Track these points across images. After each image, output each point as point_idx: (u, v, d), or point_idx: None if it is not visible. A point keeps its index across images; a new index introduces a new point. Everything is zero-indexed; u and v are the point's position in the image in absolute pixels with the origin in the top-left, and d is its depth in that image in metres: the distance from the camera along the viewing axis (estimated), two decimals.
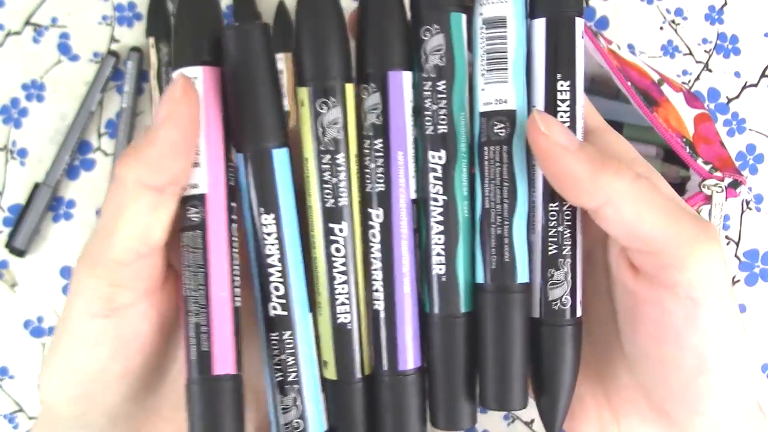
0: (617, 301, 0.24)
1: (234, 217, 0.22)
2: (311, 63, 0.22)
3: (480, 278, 0.23)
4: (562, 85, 0.22)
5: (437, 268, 0.23)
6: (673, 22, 0.53)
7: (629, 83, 0.39)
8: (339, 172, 0.22)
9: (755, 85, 0.53)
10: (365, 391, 0.24)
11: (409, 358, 0.23)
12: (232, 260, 0.22)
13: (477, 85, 0.23)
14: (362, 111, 0.23)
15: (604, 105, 0.49)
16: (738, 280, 0.53)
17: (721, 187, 0.38)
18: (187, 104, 0.21)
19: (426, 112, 0.22)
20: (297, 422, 0.23)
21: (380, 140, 0.22)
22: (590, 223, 0.23)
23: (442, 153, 0.22)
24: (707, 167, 0.39)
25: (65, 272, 0.51)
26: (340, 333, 0.23)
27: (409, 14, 0.23)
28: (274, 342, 0.22)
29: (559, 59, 0.22)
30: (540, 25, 0.22)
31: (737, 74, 0.53)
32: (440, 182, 0.22)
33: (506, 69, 0.22)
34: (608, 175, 0.21)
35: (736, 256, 0.53)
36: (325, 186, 0.22)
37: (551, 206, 0.23)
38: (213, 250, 0.22)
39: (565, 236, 0.23)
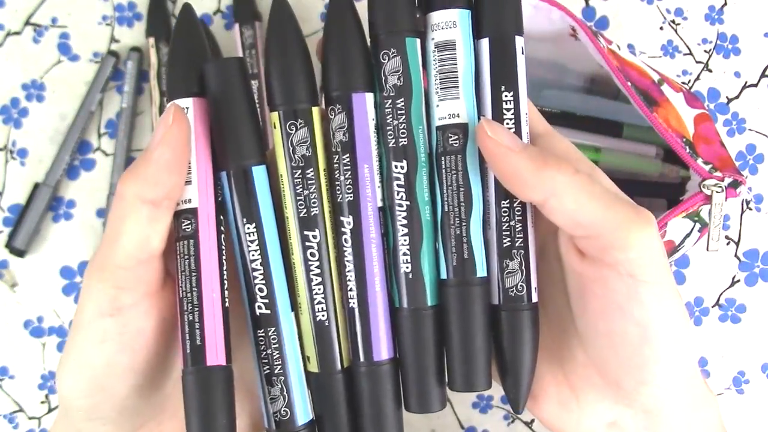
0: (568, 284, 0.26)
1: (222, 228, 0.26)
2: (279, 90, 0.25)
3: (443, 274, 0.26)
4: (506, 96, 0.25)
5: (404, 267, 0.26)
6: (673, 22, 0.53)
7: (629, 83, 0.39)
8: (310, 185, 0.25)
9: (755, 85, 0.53)
10: (345, 382, 0.26)
11: (383, 350, 0.26)
12: (221, 266, 0.25)
13: (432, 101, 0.26)
14: (330, 129, 0.26)
15: (604, 105, 0.49)
16: (738, 280, 0.53)
17: (721, 187, 0.38)
18: (178, 128, 0.24)
19: (388, 128, 0.25)
20: (284, 411, 0.25)
21: (347, 155, 0.25)
22: (541, 217, 0.25)
23: (404, 163, 0.25)
24: (707, 167, 0.39)
25: (65, 272, 0.51)
26: (320, 329, 0.26)
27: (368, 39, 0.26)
28: (261, 338, 0.25)
29: (502, 73, 0.25)
30: (485, 44, 0.25)
31: (737, 74, 0.53)
32: (403, 189, 0.25)
33: (457, 87, 0.25)
34: (550, 171, 0.23)
35: (736, 256, 0.53)
36: (298, 198, 0.25)
37: (503, 204, 0.26)
38: (204, 257, 0.25)
39: (517, 230, 0.26)
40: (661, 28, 0.53)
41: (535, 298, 0.26)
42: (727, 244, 0.53)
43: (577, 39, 0.42)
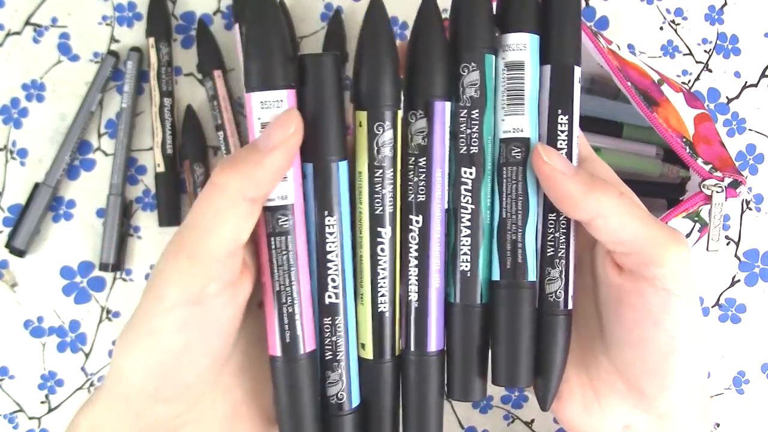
0: (602, 295, 0.28)
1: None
2: (368, 92, 0.26)
3: (496, 276, 0.28)
4: (562, 119, 0.27)
5: (463, 265, 0.28)
6: (673, 22, 0.53)
7: (629, 83, 0.39)
8: (388, 185, 0.27)
9: (755, 85, 0.53)
10: (394, 369, 0.28)
11: (434, 341, 0.28)
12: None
13: (498, 115, 0.28)
14: (409, 132, 0.27)
15: (604, 105, 0.49)
16: (738, 280, 0.53)
17: (721, 187, 0.38)
18: (296, 138, 0.25)
19: (461, 136, 0.27)
20: (341, 394, 0.27)
21: (424, 158, 0.27)
22: (579, 233, 0.28)
23: (473, 170, 0.27)
24: (707, 167, 0.39)
25: (65, 272, 0.51)
26: (379, 319, 0.27)
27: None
28: (327, 326, 0.27)
29: (561, 98, 0.27)
30: (547, 70, 0.28)
31: (737, 74, 0.53)
32: (470, 194, 0.27)
33: (523, 104, 0.27)
34: (597, 194, 0.26)
35: (736, 256, 0.53)
36: (376, 195, 0.27)
37: (550, 216, 0.28)
38: (300, 252, 0.26)
39: (560, 241, 0.28)
40: (661, 28, 0.53)
41: (570, 305, 0.28)
42: (727, 244, 0.53)
43: None
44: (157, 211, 0.51)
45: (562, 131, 0.27)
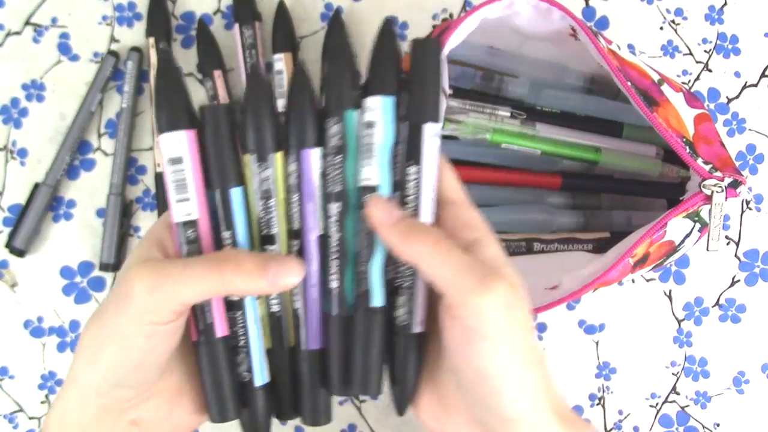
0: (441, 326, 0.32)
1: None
2: (253, 138, 0.32)
3: (350, 300, 0.33)
4: (409, 170, 0.32)
5: (333, 283, 0.33)
6: (673, 22, 0.53)
7: (629, 83, 0.39)
8: (270, 212, 0.32)
9: (755, 85, 0.53)
10: (290, 358, 0.34)
11: (313, 341, 0.33)
12: None
13: (357, 164, 0.32)
14: (287, 172, 0.33)
15: (604, 105, 0.49)
16: (738, 280, 0.53)
17: (721, 187, 0.38)
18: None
19: (328, 176, 0.32)
20: (246, 374, 0.33)
21: (296, 195, 0.33)
22: None
23: (339, 204, 0.32)
24: (707, 167, 0.39)
25: (65, 272, 0.51)
26: (273, 318, 0.33)
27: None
28: (231, 318, 0.32)
29: (411, 152, 0.32)
30: (404, 127, 0.32)
31: (737, 74, 0.53)
32: (337, 224, 0.32)
33: (372, 157, 0.32)
34: (413, 243, 0.30)
35: (736, 256, 0.53)
36: (261, 220, 0.33)
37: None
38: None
39: (405, 274, 0.32)
40: (661, 28, 0.53)
41: (418, 329, 0.33)
42: (727, 244, 0.53)
43: (577, 39, 0.42)
44: (157, 211, 0.51)
45: (409, 180, 0.32)
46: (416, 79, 0.32)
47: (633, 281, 0.53)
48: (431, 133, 0.32)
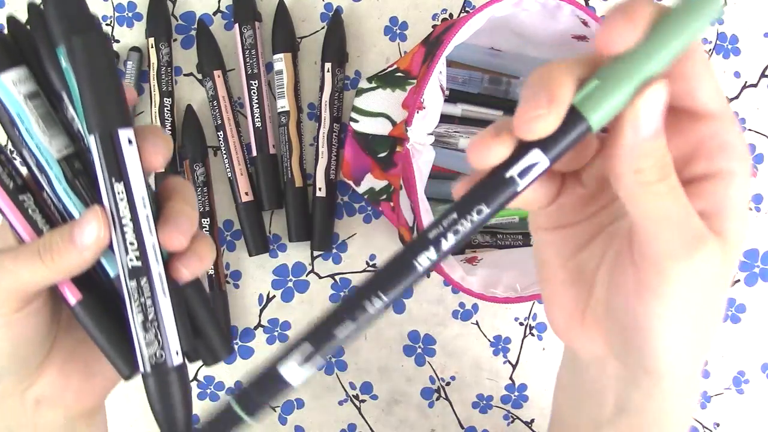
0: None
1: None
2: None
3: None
4: (116, 187, 0.27)
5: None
6: None
7: None
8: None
9: (755, 85, 0.53)
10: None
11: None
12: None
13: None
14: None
15: None
16: (738, 280, 0.53)
17: None
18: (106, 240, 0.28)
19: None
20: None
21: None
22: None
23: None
24: None
25: None
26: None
27: None
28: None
29: (110, 166, 0.27)
30: (93, 140, 0.27)
31: (737, 74, 0.53)
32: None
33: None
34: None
35: None
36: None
37: (130, 284, 0.28)
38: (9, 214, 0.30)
39: (147, 306, 0.28)
40: None
41: (176, 362, 0.29)
42: None
43: (581, 41, 0.42)
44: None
45: (122, 198, 0.27)
46: (85, 83, 0.27)
47: None
48: (126, 140, 0.28)
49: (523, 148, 0.23)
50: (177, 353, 0.29)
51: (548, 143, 0.23)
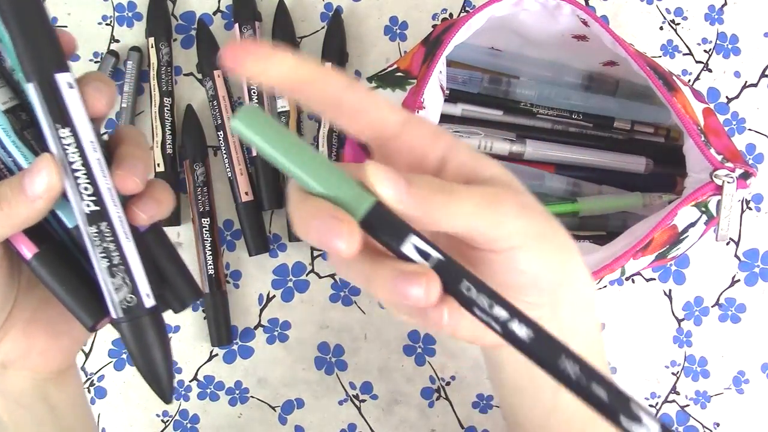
0: None
1: None
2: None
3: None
4: (62, 132, 0.26)
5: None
6: (673, 22, 0.53)
7: (648, 67, 0.39)
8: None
9: (755, 85, 0.53)
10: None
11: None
12: None
13: None
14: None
15: (602, 103, 0.49)
16: (738, 280, 0.53)
17: (732, 177, 0.38)
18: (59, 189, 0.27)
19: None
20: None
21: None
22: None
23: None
24: (719, 158, 0.39)
25: None
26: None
27: None
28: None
29: (53, 111, 0.26)
30: (32, 88, 0.26)
31: (737, 74, 0.53)
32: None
33: None
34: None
35: (736, 255, 0.53)
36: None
37: (90, 230, 0.27)
38: None
39: (111, 250, 0.27)
40: (661, 28, 0.53)
41: (149, 304, 0.28)
42: (727, 244, 0.53)
43: (581, 40, 0.42)
44: None
45: (69, 144, 0.27)
46: (16, 31, 0.26)
47: (633, 281, 0.53)
48: (66, 84, 0.27)
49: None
50: (148, 296, 0.28)
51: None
